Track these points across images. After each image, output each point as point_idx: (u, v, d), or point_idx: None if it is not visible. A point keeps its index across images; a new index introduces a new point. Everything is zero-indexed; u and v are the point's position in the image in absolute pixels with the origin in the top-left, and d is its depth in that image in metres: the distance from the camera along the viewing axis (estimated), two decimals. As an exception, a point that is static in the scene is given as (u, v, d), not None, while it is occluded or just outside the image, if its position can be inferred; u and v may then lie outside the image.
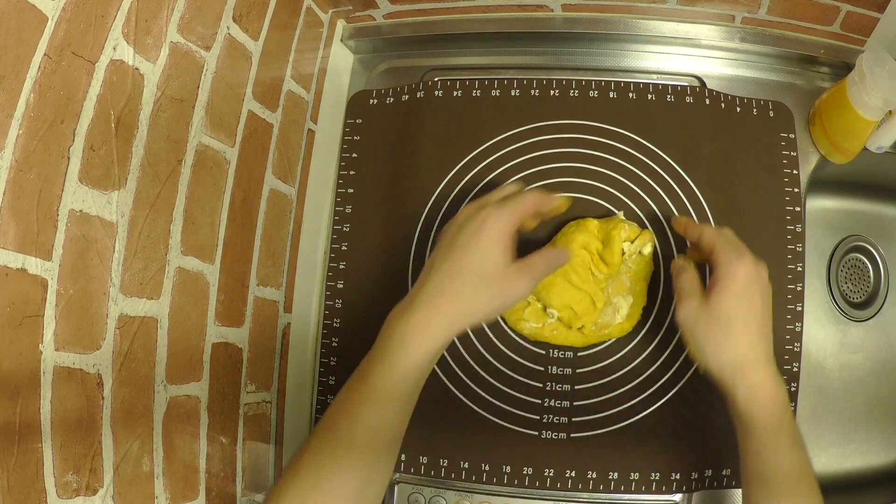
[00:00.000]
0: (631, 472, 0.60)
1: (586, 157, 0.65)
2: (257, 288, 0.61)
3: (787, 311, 0.61)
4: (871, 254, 0.78)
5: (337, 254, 0.68)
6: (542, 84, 0.67)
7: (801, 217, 0.63)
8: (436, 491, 0.62)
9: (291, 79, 0.64)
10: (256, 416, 0.62)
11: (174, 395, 0.50)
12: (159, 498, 0.49)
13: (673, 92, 0.65)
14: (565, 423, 0.61)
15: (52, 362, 0.39)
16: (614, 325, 0.60)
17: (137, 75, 0.44)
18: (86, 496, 0.41)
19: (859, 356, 0.77)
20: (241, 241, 0.59)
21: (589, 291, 0.58)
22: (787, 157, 0.64)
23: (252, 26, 0.56)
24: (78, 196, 0.40)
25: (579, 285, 0.58)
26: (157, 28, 0.45)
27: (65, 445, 0.40)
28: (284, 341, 0.66)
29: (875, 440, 0.74)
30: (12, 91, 0.35)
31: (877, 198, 0.79)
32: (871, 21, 0.60)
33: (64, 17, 0.38)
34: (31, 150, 0.37)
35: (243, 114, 0.57)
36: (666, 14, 0.67)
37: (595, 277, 0.59)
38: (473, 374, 0.63)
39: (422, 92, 0.68)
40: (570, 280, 0.58)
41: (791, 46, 0.66)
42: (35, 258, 0.37)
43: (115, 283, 0.44)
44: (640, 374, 0.61)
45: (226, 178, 0.56)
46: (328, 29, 0.70)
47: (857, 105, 0.59)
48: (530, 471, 0.60)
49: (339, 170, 0.69)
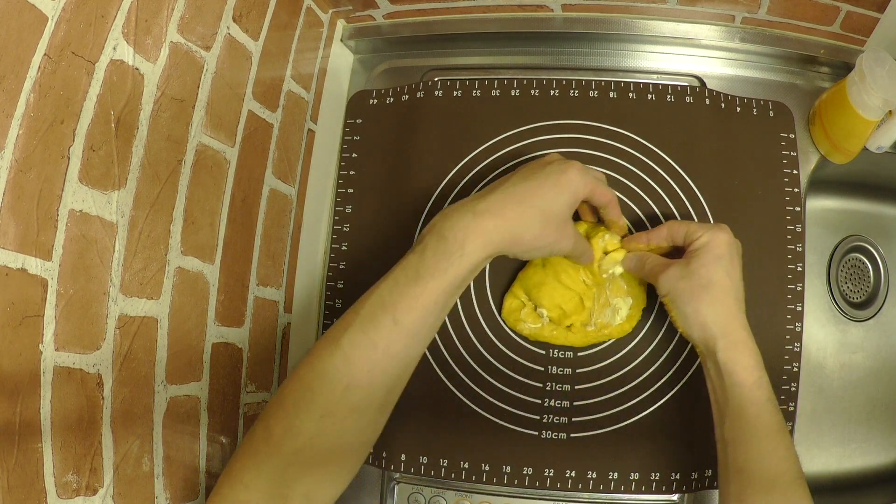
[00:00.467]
0: (631, 472, 0.60)
1: (586, 157, 0.65)
2: (257, 288, 0.61)
3: (787, 311, 0.61)
4: (871, 254, 0.78)
5: (337, 254, 0.68)
6: (542, 84, 0.67)
7: (801, 217, 0.63)
8: (436, 491, 0.62)
9: (291, 79, 0.64)
10: (256, 416, 0.62)
11: (174, 395, 0.50)
12: (159, 498, 0.49)
13: (673, 92, 0.65)
14: (565, 423, 0.61)
15: (52, 362, 0.39)
16: (614, 325, 0.60)
17: (137, 75, 0.44)
18: (86, 496, 0.41)
19: (859, 356, 0.77)
20: (241, 241, 0.59)
21: (578, 291, 0.59)
22: (787, 157, 0.64)
23: (252, 26, 0.56)
24: (78, 196, 0.40)
25: (569, 285, 0.58)
26: (157, 28, 0.45)
27: (65, 445, 0.40)
28: (284, 341, 0.66)
29: (875, 440, 0.74)
30: (12, 91, 0.35)
31: (877, 198, 0.79)
32: (871, 21, 0.60)
33: (64, 17, 0.38)
34: (31, 150, 0.37)
35: (243, 114, 0.57)
36: (666, 14, 0.67)
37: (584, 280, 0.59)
38: (473, 374, 0.63)
39: (422, 92, 0.68)
40: (559, 280, 0.58)
41: (791, 46, 0.66)
42: (35, 258, 0.37)
43: (115, 283, 0.44)
44: (640, 375, 0.61)
45: (226, 178, 0.56)
46: (328, 29, 0.70)
47: (857, 105, 0.59)
48: (530, 471, 0.60)
49: (339, 170, 0.69)
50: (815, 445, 0.74)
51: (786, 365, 0.61)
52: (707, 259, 0.52)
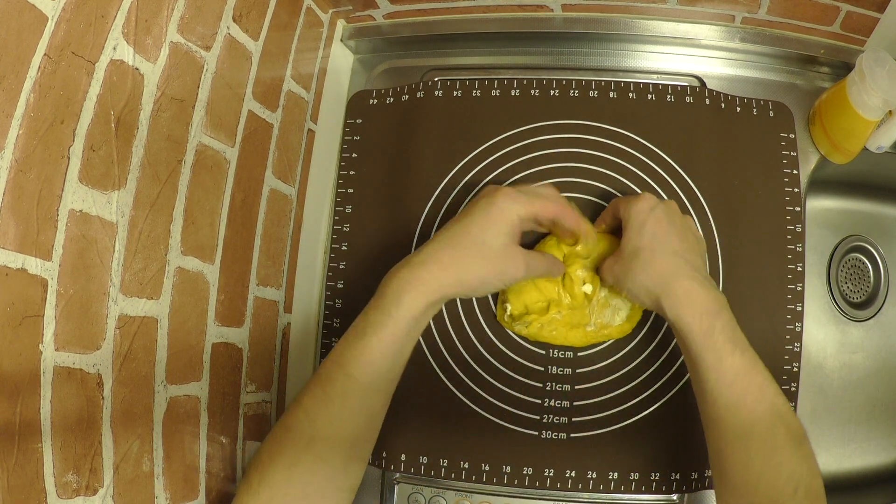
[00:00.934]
0: (631, 472, 0.60)
1: (586, 157, 0.65)
2: (257, 288, 0.61)
3: (787, 311, 0.61)
4: (871, 254, 0.78)
5: (337, 254, 0.68)
6: (542, 84, 0.67)
7: (801, 217, 0.63)
8: (436, 491, 0.62)
9: (291, 79, 0.64)
10: (256, 416, 0.62)
11: (174, 395, 0.50)
12: (159, 498, 0.49)
13: (673, 92, 0.65)
14: (565, 423, 0.61)
15: (52, 362, 0.39)
16: (614, 325, 0.60)
17: (137, 75, 0.44)
18: (86, 496, 0.41)
19: (859, 356, 0.77)
20: (241, 241, 0.59)
21: (549, 298, 0.59)
22: (787, 157, 0.64)
23: (252, 26, 0.56)
24: (78, 196, 0.40)
25: (542, 289, 0.59)
26: (157, 28, 0.45)
27: (65, 445, 0.40)
28: (284, 341, 0.66)
29: (875, 440, 0.75)
30: (12, 91, 0.35)
31: (877, 198, 0.79)
32: (871, 21, 0.60)
33: (64, 17, 0.38)
34: (31, 150, 0.37)
35: (243, 114, 0.57)
36: (666, 14, 0.67)
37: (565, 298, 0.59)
38: (473, 374, 0.63)
39: (422, 92, 0.68)
40: (535, 283, 0.58)
41: (791, 46, 0.66)
42: (35, 258, 0.37)
43: (115, 283, 0.44)
44: (640, 375, 0.61)
45: (226, 178, 0.56)
46: (328, 29, 0.70)
47: (857, 105, 0.59)
48: (530, 471, 0.60)
49: (339, 170, 0.69)
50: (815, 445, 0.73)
51: (786, 365, 0.61)
52: (630, 234, 0.53)
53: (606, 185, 0.64)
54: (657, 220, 0.52)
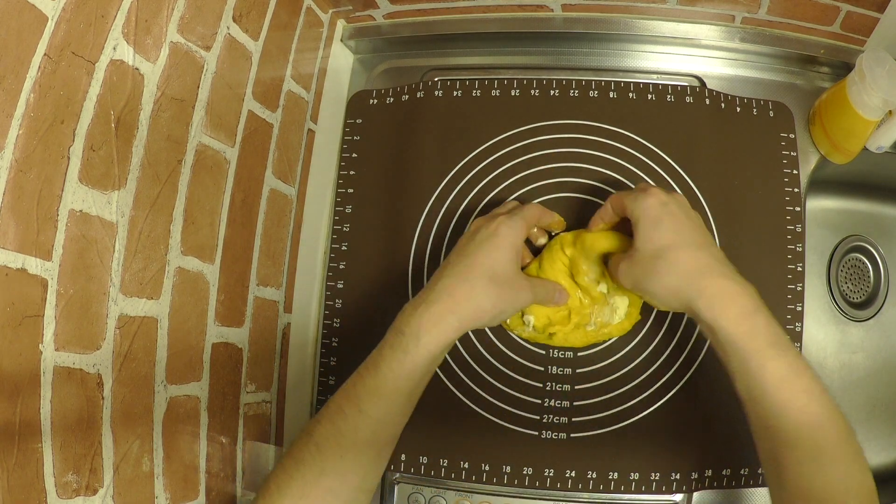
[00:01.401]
0: (631, 472, 0.60)
1: (586, 157, 0.65)
2: (257, 288, 0.61)
3: (787, 311, 0.61)
4: (871, 254, 0.78)
5: (337, 254, 0.68)
6: (542, 84, 0.67)
7: (801, 217, 0.63)
8: (436, 491, 0.62)
9: (291, 79, 0.64)
10: (256, 416, 0.62)
11: (174, 395, 0.50)
12: (159, 498, 0.49)
13: (673, 92, 0.65)
14: (565, 423, 0.61)
15: (52, 362, 0.39)
16: (613, 324, 0.60)
17: (137, 75, 0.44)
18: (86, 496, 0.41)
19: (859, 356, 0.77)
20: (241, 241, 0.59)
21: (569, 306, 0.59)
22: (787, 157, 0.64)
23: (252, 26, 0.56)
24: (78, 196, 0.40)
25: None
26: (157, 28, 0.45)
27: (65, 445, 0.40)
28: (284, 341, 0.66)
29: (875, 440, 0.74)
30: (12, 91, 0.35)
31: (877, 198, 0.79)
32: (871, 21, 0.60)
33: (64, 17, 0.38)
34: (31, 150, 0.37)
35: (243, 114, 0.57)
36: (666, 14, 0.67)
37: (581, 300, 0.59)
38: (473, 374, 0.63)
39: (422, 92, 0.68)
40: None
41: (791, 46, 0.66)
42: (35, 258, 0.37)
43: (115, 283, 0.44)
44: (640, 374, 0.61)
45: (226, 178, 0.56)
46: (328, 29, 0.70)
47: (857, 105, 0.59)
48: (530, 471, 0.60)
49: (339, 170, 0.69)
50: (815, 445, 0.74)
51: (786, 365, 0.61)
52: (646, 231, 0.49)
53: (606, 186, 0.64)
54: (673, 216, 0.50)
